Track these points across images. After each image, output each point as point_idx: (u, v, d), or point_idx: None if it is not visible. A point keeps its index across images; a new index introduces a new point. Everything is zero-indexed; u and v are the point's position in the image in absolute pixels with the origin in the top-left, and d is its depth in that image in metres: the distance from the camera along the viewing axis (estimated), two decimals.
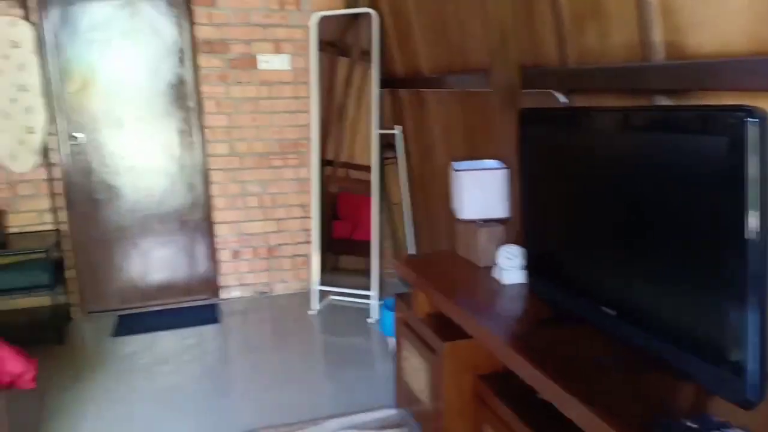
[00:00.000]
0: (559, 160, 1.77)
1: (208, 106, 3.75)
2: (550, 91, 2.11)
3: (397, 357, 2.55)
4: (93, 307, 3.75)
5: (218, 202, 3.87)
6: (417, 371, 2.31)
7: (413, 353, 2.35)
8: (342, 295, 3.79)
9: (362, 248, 3.66)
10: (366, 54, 3.58)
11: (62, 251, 3.60)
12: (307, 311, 3.72)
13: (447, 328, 2.08)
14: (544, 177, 1.86)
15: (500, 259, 2.15)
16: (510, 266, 2.13)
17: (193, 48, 3.67)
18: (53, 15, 3.44)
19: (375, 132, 3.58)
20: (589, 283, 1.63)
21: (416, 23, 3.20)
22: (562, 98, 2.10)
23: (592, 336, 1.61)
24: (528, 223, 1.97)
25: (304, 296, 3.89)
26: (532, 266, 1.96)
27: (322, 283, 3.74)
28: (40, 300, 3.43)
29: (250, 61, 3.78)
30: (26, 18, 3.32)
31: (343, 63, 3.84)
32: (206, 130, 3.77)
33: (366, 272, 3.61)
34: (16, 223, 3.49)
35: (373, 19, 3.50)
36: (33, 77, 3.34)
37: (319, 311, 3.74)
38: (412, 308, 2.36)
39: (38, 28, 3.38)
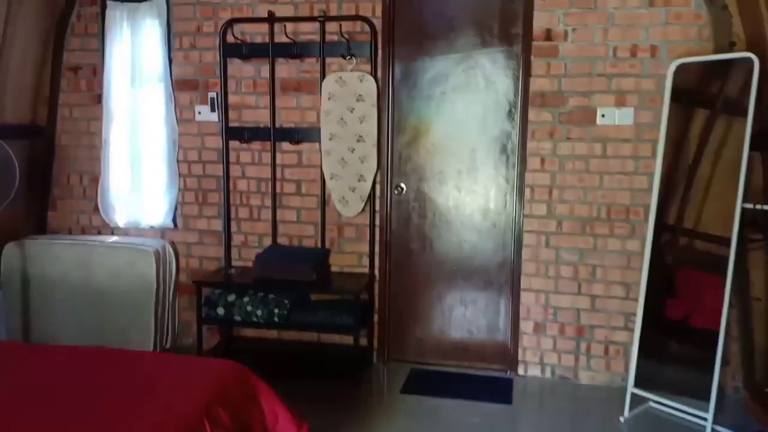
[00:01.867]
0: None
1: (532, 163, 3.46)
2: None
3: None
4: (392, 355, 3.76)
5: (528, 267, 3.51)
6: None
7: None
8: (665, 405, 3.02)
9: (699, 338, 2.88)
10: (731, 105, 2.83)
11: (372, 295, 3.70)
12: (618, 416, 3.06)
13: None
14: None
15: None
16: None
17: (524, 101, 3.43)
18: (396, 70, 3.61)
19: (739, 204, 2.78)
20: None
21: None
22: None
23: None
24: None
25: (614, 393, 3.24)
26: None
27: (642, 379, 3.04)
28: (346, 339, 3.56)
29: (584, 115, 3.37)
30: (372, 73, 3.54)
31: (700, 115, 3.14)
32: (526, 189, 3.47)
33: (701, 367, 2.80)
34: (338, 263, 3.72)
35: (754, 66, 2.74)
36: (370, 128, 3.53)
37: (632, 419, 3.05)
38: None
39: (381, 82, 3.57)
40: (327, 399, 3.19)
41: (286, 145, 3.71)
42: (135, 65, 3.75)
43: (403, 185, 3.67)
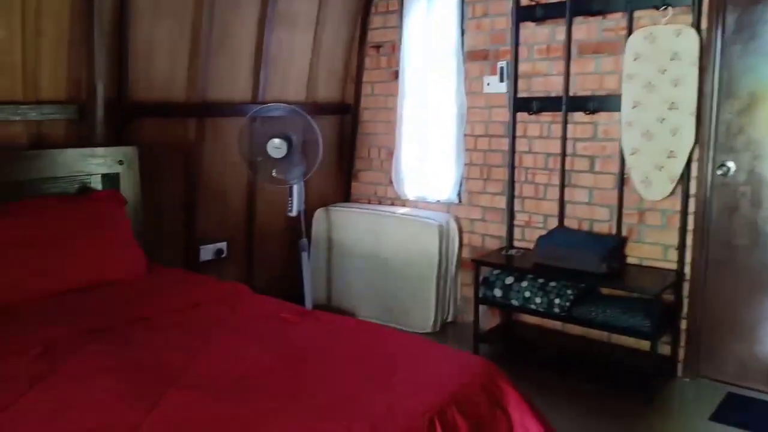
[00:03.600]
0: None
1: None
2: None
3: None
4: (703, 371, 3.07)
5: None
6: None
7: None
8: None
9: None
10: None
11: (680, 297, 3.06)
12: None
13: None
14: None
15: None
16: None
17: None
18: (728, 20, 2.85)
19: None
20: None
21: None
22: None
23: None
24: None
25: None
26: None
27: None
28: (640, 344, 3.02)
29: None
30: (694, 25, 2.86)
31: None
32: None
33: None
34: (636, 254, 3.17)
35: None
36: (687, 94, 2.88)
37: None
38: None
39: (706, 35, 2.86)
40: (612, 410, 2.76)
41: (579, 116, 3.28)
42: (429, 39, 3.74)
43: (730, 164, 2.92)
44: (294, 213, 3.53)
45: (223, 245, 3.61)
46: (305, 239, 3.61)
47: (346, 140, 4.24)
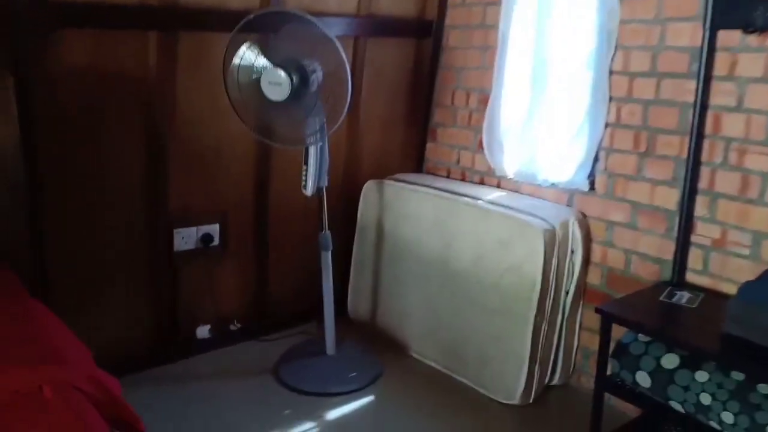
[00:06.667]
0: None
1: None
2: None
3: None
4: None
5: None
6: None
7: None
8: None
9: None
10: None
11: None
12: None
13: None
14: None
15: None
16: None
17: None
18: None
19: None
20: None
21: None
22: None
23: None
24: None
25: None
26: None
27: None
28: None
29: None
30: None
31: None
32: None
33: None
34: None
35: None
36: None
37: None
38: None
39: None
40: None
41: None
42: None
43: None
44: (309, 191, 2.22)
45: (213, 228, 2.42)
46: (328, 232, 2.31)
47: (422, 78, 2.79)
